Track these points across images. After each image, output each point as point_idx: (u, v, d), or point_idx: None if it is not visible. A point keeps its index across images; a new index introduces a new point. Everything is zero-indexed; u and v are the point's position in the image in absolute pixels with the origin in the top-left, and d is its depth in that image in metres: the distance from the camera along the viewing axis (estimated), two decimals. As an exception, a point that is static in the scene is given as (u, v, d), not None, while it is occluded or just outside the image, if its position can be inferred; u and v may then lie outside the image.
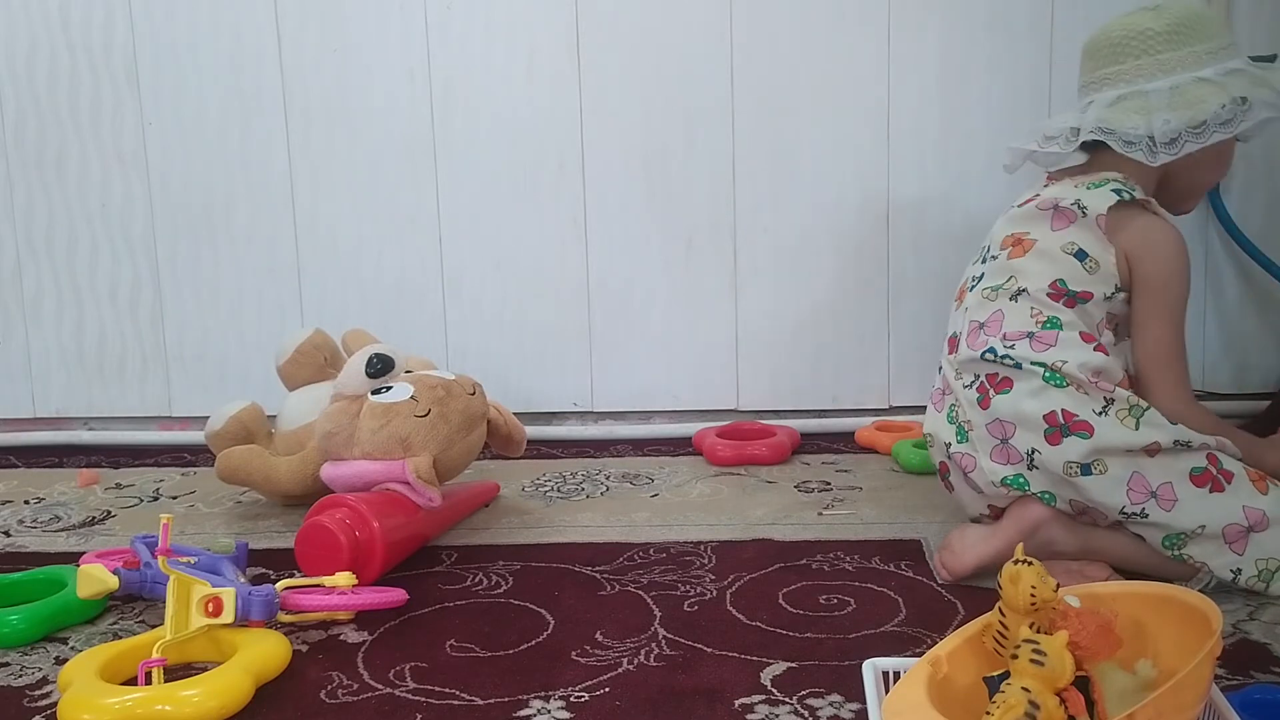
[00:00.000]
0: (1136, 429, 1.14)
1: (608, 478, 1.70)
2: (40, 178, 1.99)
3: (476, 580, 1.28)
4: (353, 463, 1.36)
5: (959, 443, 1.24)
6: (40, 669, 1.08)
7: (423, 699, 0.99)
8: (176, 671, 1.02)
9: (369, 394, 1.39)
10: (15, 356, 2.04)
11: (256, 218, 1.97)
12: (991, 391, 1.21)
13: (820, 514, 1.49)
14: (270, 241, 1.98)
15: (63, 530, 1.52)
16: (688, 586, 1.23)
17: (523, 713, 0.96)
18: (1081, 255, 1.22)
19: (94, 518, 1.58)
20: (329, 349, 1.65)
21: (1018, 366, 1.19)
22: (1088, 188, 1.25)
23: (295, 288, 1.99)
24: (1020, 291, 1.23)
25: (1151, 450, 1.14)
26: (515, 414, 1.59)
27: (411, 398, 1.37)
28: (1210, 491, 1.14)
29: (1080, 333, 1.19)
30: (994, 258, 1.30)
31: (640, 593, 1.22)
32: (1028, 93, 1.85)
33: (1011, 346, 1.20)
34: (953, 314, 1.35)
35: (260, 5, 1.91)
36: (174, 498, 1.68)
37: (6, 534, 1.51)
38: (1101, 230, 1.21)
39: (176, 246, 1.99)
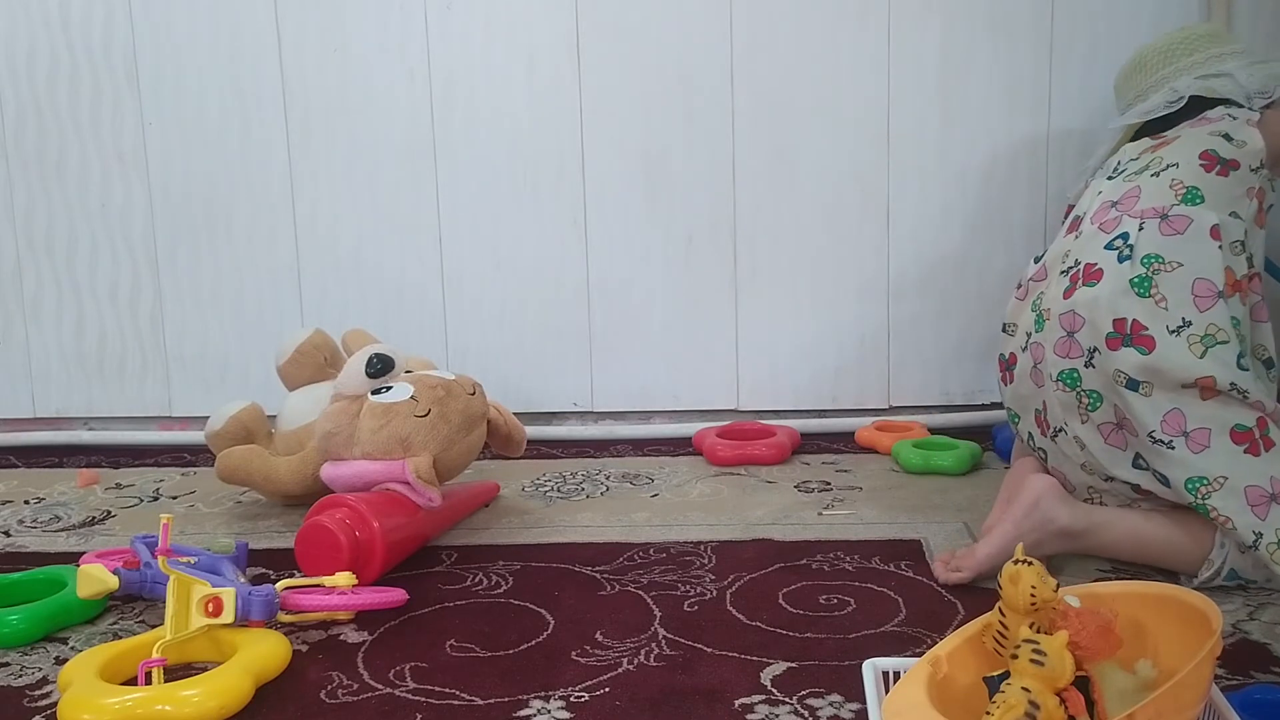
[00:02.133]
0: (1201, 358, 1.14)
1: (608, 478, 1.70)
2: (40, 178, 1.99)
3: (476, 580, 1.28)
4: (353, 463, 1.36)
5: (1037, 331, 1.27)
6: (40, 669, 1.08)
7: (423, 699, 0.99)
8: (176, 671, 1.02)
9: (369, 394, 1.39)
10: (15, 356, 2.04)
11: (256, 218, 1.98)
12: (1080, 282, 1.22)
13: (820, 514, 1.49)
14: (270, 241, 1.98)
15: (63, 530, 1.52)
16: (688, 586, 1.23)
17: (523, 713, 0.96)
18: (1228, 137, 1.29)
19: (94, 518, 1.58)
20: (329, 349, 1.65)
21: (1124, 259, 1.19)
22: (1201, 133, 1.31)
23: (295, 288, 1.99)
24: (1168, 167, 1.28)
25: (1205, 385, 1.13)
26: (515, 414, 1.59)
27: (411, 398, 1.38)
28: (1245, 451, 1.14)
29: (1211, 227, 1.18)
30: (1122, 170, 1.35)
31: (640, 593, 1.22)
32: (1028, 93, 1.85)
33: (1142, 228, 1.21)
34: (1059, 237, 1.38)
35: (260, 5, 1.91)
36: (174, 498, 1.68)
37: (6, 534, 1.51)
38: (1253, 124, 1.30)
39: (176, 246, 1.99)
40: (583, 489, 1.65)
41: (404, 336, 1.84)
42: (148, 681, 0.97)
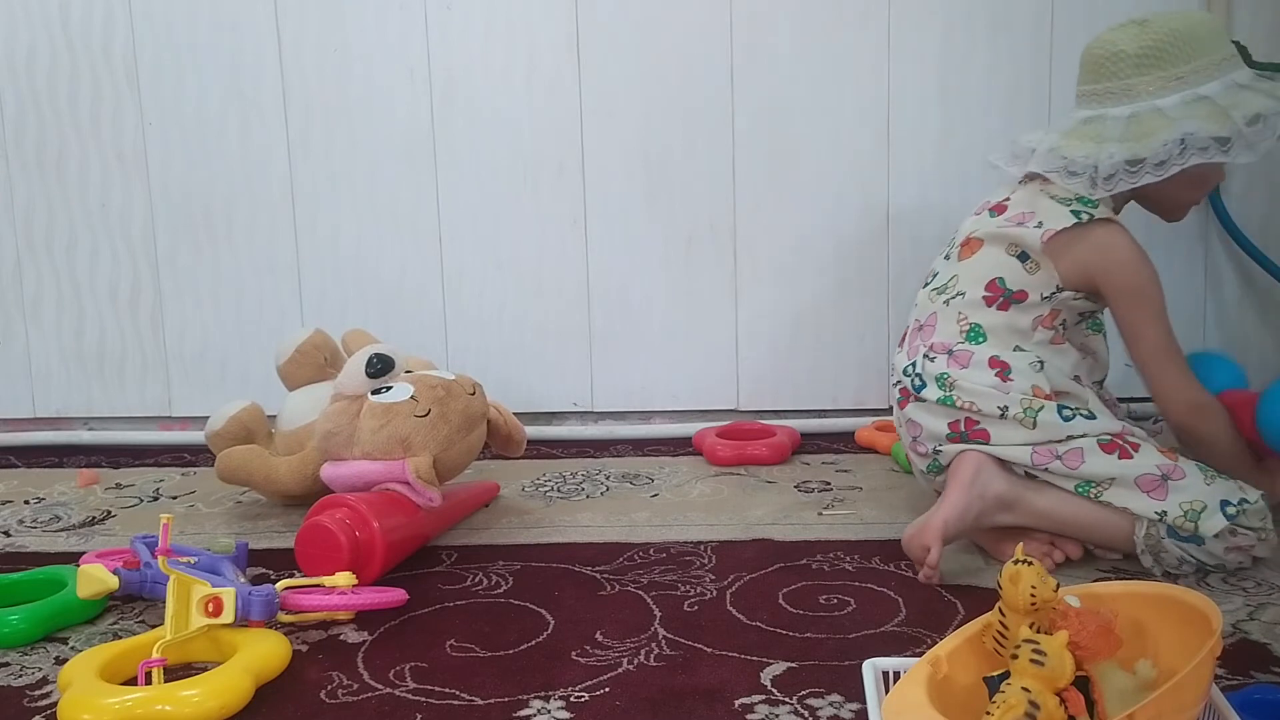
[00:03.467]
0: (1033, 428, 1.22)
1: (608, 478, 1.70)
2: (40, 178, 1.99)
3: (476, 580, 1.28)
4: (353, 463, 1.36)
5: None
6: (40, 669, 1.08)
7: (423, 699, 0.99)
8: (176, 671, 1.02)
9: (369, 394, 1.39)
10: (15, 356, 2.04)
11: (256, 218, 1.97)
12: (911, 397, 1.32)
13: (820, 514, 1.49)
14: (270, 241, 1.98)
15: (63, 530, 1.52)
16: (688, 586, 1.23)
17: (523, 713, 0.96)
18: (1024, 256, 1.27)
19: (94, 518, 1.58)
20: (329, 349, 1.65)
21: (925, 386, 1.29)
22: (1050, 197, 1.28)
23: (295, 288, 1.99)
24: (957, 295, 1.30)
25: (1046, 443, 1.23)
26: (515, 414, 1.59)
27: (411, 398, 1.37)
28: (1119, 458, 1.21)
29: (990, 358, 1.25)
30: (948, 258, 1.37)
31: (640, 593, 1.22)
32: (1028, 93, 1.85)
33: (931, 360, 1.29)
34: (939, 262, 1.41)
35: (260, 5, 1.91)
36: (174, 498, 1.67)
37: (6, 534, 1.51)
38: (1041, 244, 1.25)
39: (176, 246, 1.99)
40: (583, 489, 1.65)
41: (404, 336, 1.84)
42: (148, 681, 0.97)
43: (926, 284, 1.38)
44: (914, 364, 1.32)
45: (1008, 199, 1.34)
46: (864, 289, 1.92)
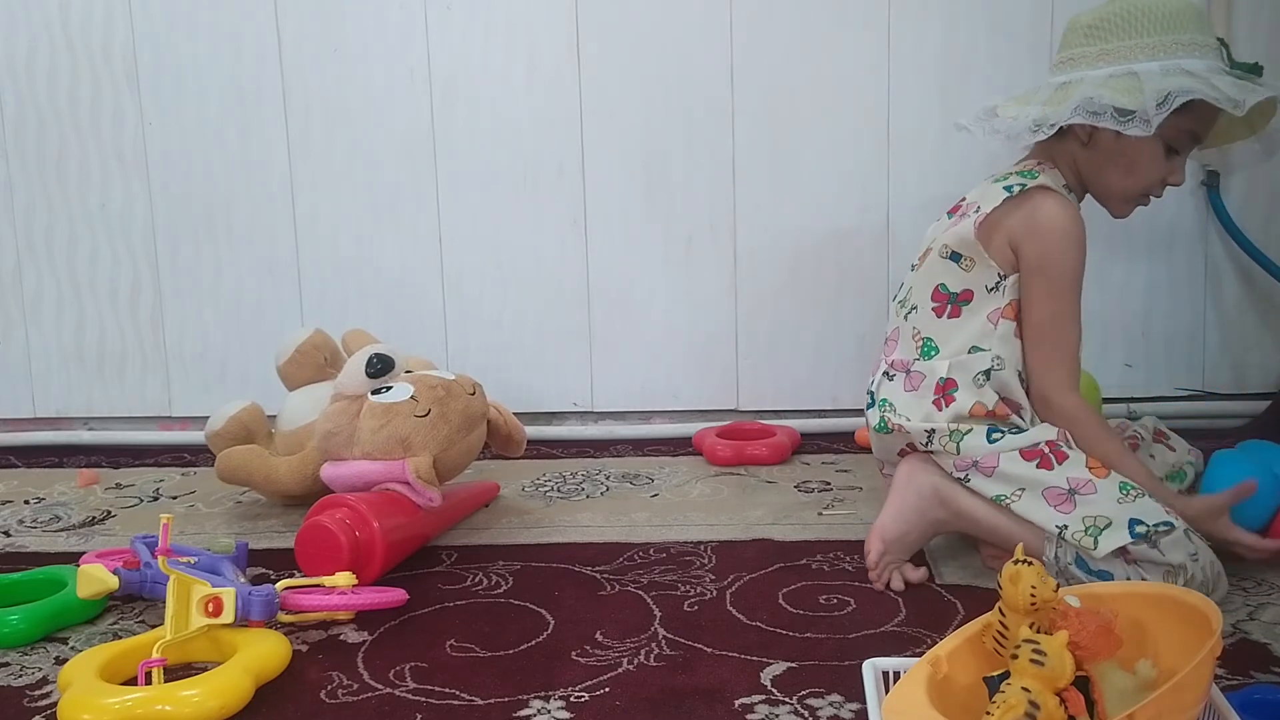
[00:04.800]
0: (957, 453, 1.21)
1: (608, 478, 1.70)
2: (40, 178, 1.99)
3: (476, 580, 1.28)
4: (353, 463, 1.36)
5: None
6: (40, 669, 1.08)
7: (423, 699, 0.99)
8: (176, 671, 1.02)
9: (369, 394, 1.39)
10: (15, 356, 2.04)
11: (256, 218, 1.97)
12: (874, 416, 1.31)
13: (820, 514, 1.49)
14: (270, 241, 1.98)
15: (63, 530, 1.52)
16: (688, 586, 1.23)
17: (523, 713, 0.96)
18: (955, 257, 1.25)
19: (94, 518, 1.58)
20: (329, 349, 1.65)
21: (871, 405, 1.30)
22: (993, 181, 1.27)
23: (295, 288, 1.99)
24: (911, 310, 1.29)
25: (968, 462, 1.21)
26: (515, 414, 1.59)
27: (411, 398, 1.37)
28: (1037, 466, 1.18)
29: (939, 380, 1.23)
30: (913, 268, 1.35)
31: (640, 593, 1.22)
32: (1028, 93, 1.85)
33: (890, 379, 1.29)
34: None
35: (260, 5, 1.91)
36: (174, 498, 1.67)
37: (6, 534, 1.51)
38: (974, 229, 1.22)
39: (176, 246, 1.99)
40: (583, 489, 1.65)
41: (404, 336, 1.84)
42: (148, 681, 0.97)
43: (896, 295, 1.37)
44: (873, 380, 1.32)
45: (964, 197, 1.33)
46: (864, 289, 1.91)
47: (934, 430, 1.22)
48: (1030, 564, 0.82)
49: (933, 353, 1.26)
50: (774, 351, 1.95)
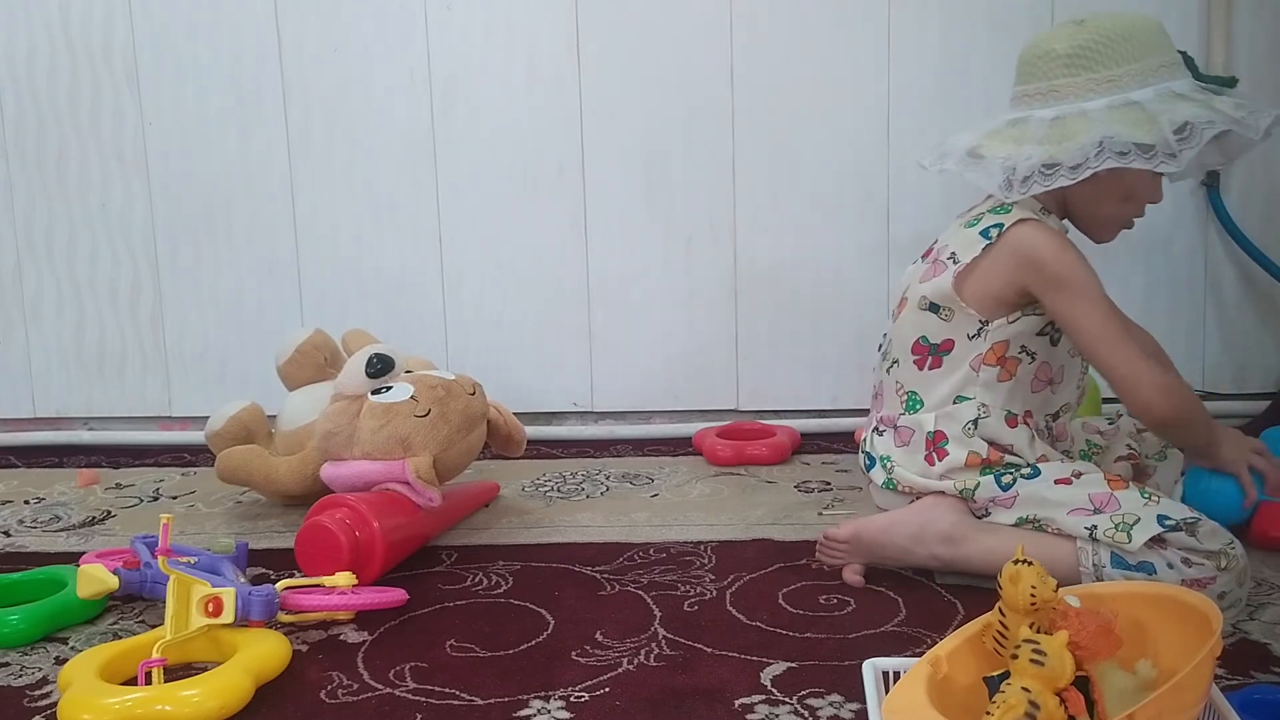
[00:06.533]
0: (974, 500, 1.21)
1: (608, 478, 1.70)
2: (40, 178, 1.99)
3: (476, 580, 1.28)
4: (353, 463, 1.36)
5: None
6: (40, 669, 1.08)
7: (423, 699, 0.99)
8: (176, 671, 1.02)
9: (369, 394, 1.39)
10: (15, 356, 2.04)
11: (256, 218, 1.97)
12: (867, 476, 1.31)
13: (820, 514, 1.49)
14: (270, 241, 1.98)
15: (63, 530, 1.52)
16: (688, 586, 1.23)
17: (523, 713, 0.96)
18: (934, 308, 1.24)
19: (94, 518, 1.58)
20: (329, 349, 1.65)
21: (873, 465, 1.29)
22: (967, 225, 1.24)
23: (295, 288, 1.99)
24: (893, 364, 1.29)
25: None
26: (515, 414, 1.59)
27: (411, 398, 1.37)
28: (1055, 482, 1.18)
29: (928, 434, 1.23)
30: (892, 315, 1.33)
31: (640, 593, 1.22)
32: (1028, 93, 1.84)
33: (881, 434, 1.28)
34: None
35: (260, 5, 1.91)
36: (174, 498, 1.67)
37: (6, 534, 1.51)
38: (952, 282, 1.21)
39: (176, 246, 1.99)
40: (583, 489, 1.65)
41: (404, 336, 1.84)
42: (148, 681, 0.97)
43: (879, 345, 1.35)
44: (867, 439, 1.31)
45: (936, 240, 1.31)
46: (864, 289, 1.91)
47: (943, 489, 1.21)
48: (1030, 564, 0.82)
49: (917, 405, 1.25)
50: (774, 351, 1.95)
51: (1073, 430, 1.36)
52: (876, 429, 1.30)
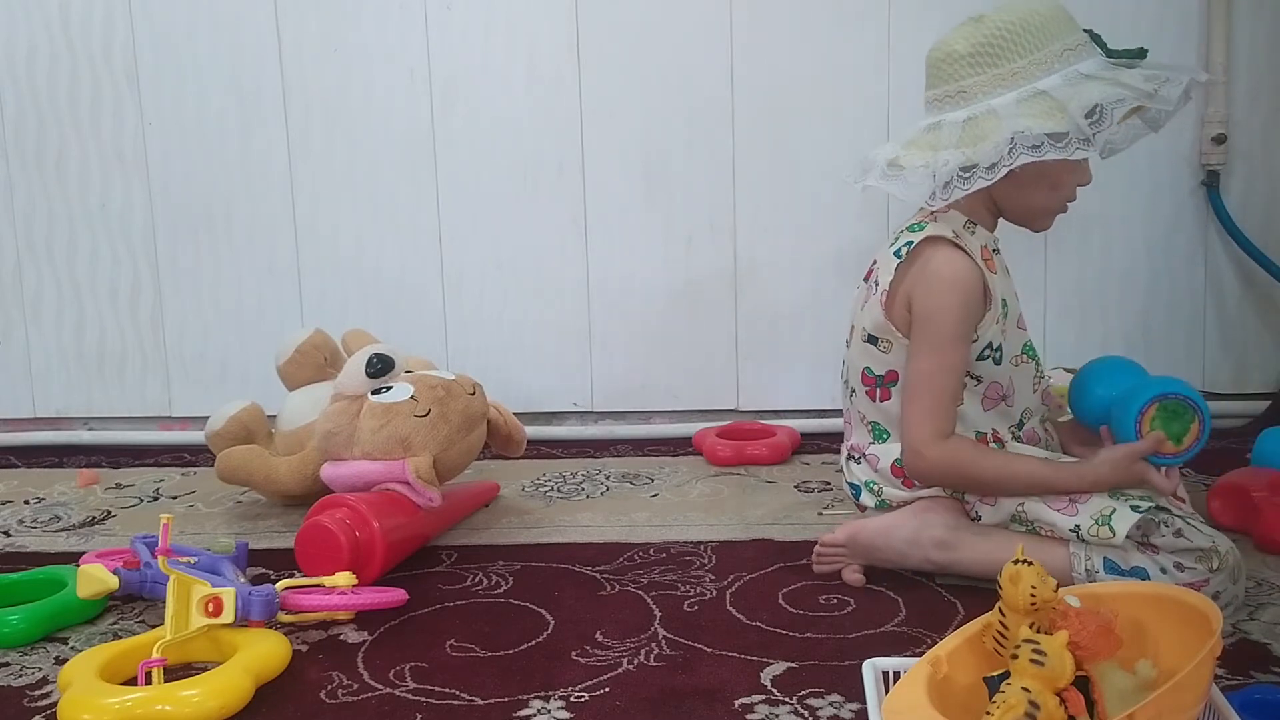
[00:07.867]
0: (964, 498, 1.22)
1: (608, 478, 1.70)
2: (40, 178, 1.99)
3: (476, 580, 1.28)
4: (353, 463, 1.36)
5: None
6: (40, 669, 1.08)
7: (423, 699, 0.99)
8: (176, 671, 1.02)
9: (369, 394, 1.39)
10: (15, 356, 2.04)
11: (256, 218, 1.97)
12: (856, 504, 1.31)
13: (820, 514, 1.49)
14: (270, 241, 1.98)
15: (63, 530, 1.52)
16: (688, 586, 1.23)
17: (523, 713, 0.96)
18: (873, 340, 1.24)
19: (94, 518, 1.58)
20: (329, 349, 1.65)
21: (860, 493, 1.28)
22: (890, 245, 1.24)
23: (295, 288, 1.99)
24: (852, 392, 1.29)
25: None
26: (515, 414, 1.59)
27: (411, 398, 1.37)
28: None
29: (893, 463, 1.23)
30: (847, 342, 1.32)
31: (640, 593, 1.22)
32: (1028, 93, 1.84)
33: (857, 463, 1.28)
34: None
35: (260, 5, 1.91)
36: (174, 498, 1.67)
37: (6, 534, 1.51)
38: (881, 311, 1.21)
39: (176, 247, 1.99)
40: (583, 489, 1.65)
41: (404, 336, 1.84)
42: (148, 681, 0.97)
43: (841, 373, 1.35)
44: (845, 469, 1.31)
45: (875, 260, 1.29)
46: (864, 289, 1.91)
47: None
48: (1030, 564, 0.82)
49: (884, 436, 1.26)
50: (774, 351, 1.95)
51: (1041, 431, 1.33)
52: (851, 457, 1.30)
